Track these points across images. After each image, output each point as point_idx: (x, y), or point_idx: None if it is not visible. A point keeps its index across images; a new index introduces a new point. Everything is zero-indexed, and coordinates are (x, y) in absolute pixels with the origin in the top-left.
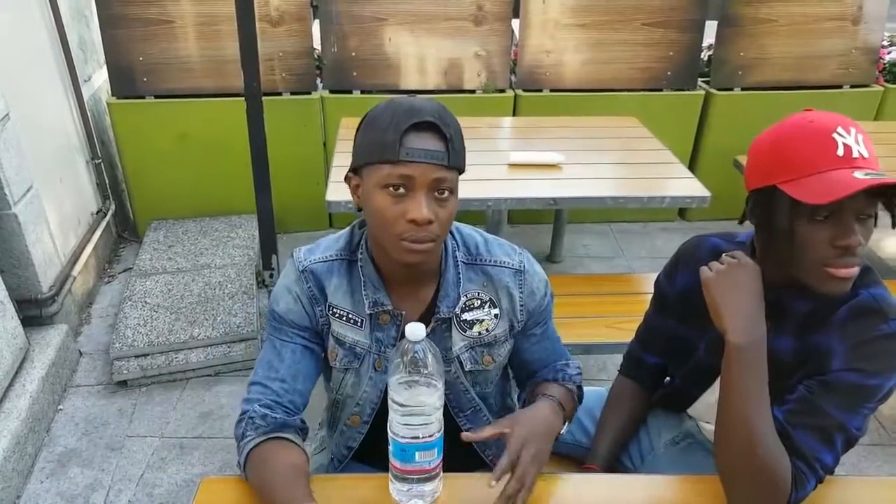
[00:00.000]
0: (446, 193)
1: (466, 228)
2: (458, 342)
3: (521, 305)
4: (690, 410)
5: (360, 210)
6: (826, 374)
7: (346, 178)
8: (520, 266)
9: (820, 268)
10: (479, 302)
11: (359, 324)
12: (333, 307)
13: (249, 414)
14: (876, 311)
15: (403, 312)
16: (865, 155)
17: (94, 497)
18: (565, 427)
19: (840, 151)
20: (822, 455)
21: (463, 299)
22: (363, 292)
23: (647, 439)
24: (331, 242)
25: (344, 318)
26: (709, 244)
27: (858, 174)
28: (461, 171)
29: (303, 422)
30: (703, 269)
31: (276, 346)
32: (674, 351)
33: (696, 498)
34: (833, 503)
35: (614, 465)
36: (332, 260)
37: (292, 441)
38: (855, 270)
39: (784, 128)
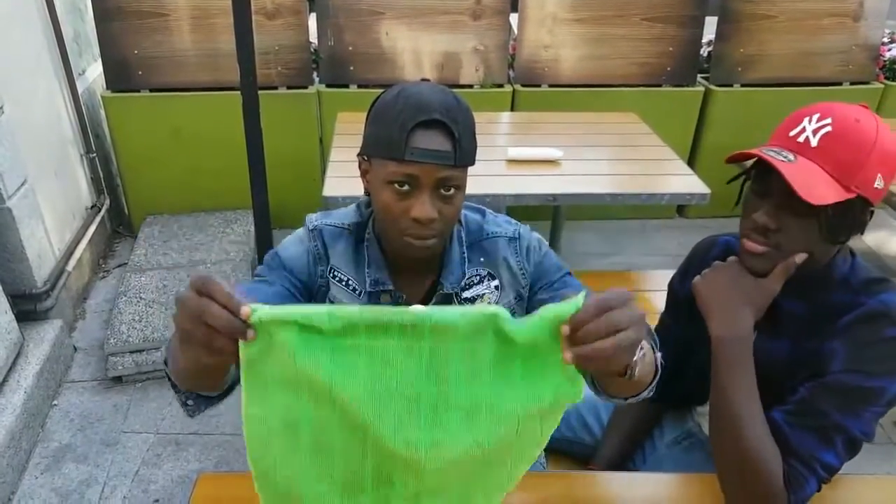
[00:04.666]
0: (452, 190)
1: (469, 211)
2: None
3: (522, 270)
4: (700, 408)
5: (367, 195)
6: (826, 375)
7: (358, 160)
8: (514, 234)
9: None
10: (478, 278)
11: (357, 293)
12: (335, 270)
13: None
14: (883, 315)
15: (404, 295)
16: (812, 143)
17: (88, 493)
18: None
19: (793, 132)
20: (821, 454)
21: (464, 278)
22: (366, 270)
23: (650, 439)
24: (343, 213)
25: (344, 284)
26: (721, 243)
27: (772, 151)
28: (470, 165)
29: None
30: (696, 277)
31: (260, 283)
32: (685, 352)
33: (697, 496)
34: (832, 502)
35: (619, 468)
36: (343, 228)
37: None
38: (755, 247)
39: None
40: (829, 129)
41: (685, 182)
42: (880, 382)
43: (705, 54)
